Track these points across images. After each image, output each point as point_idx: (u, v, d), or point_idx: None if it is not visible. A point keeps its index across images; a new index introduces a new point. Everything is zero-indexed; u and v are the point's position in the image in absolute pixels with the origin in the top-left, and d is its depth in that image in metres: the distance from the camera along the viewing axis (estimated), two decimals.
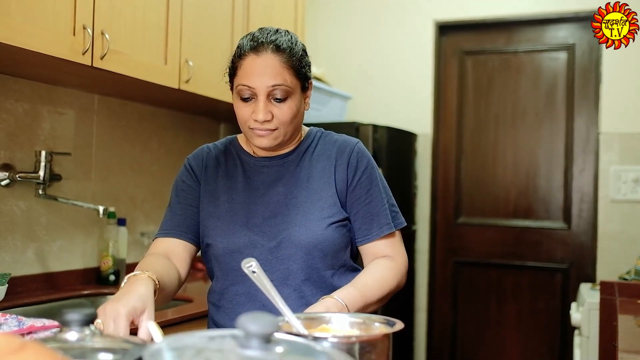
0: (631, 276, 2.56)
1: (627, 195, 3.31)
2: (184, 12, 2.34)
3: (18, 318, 1.52)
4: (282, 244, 1.41)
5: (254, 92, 1.38)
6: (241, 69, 1.40)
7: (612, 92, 3.36)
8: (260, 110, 1.37)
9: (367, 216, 1.47)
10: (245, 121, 1.42)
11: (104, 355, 0.71)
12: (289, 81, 1.39)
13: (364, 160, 1.50)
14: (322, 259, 1.42)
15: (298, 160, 1.49)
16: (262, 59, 1.38)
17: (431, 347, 3.76)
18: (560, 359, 3.48)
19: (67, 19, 1.85)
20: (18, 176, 2.11)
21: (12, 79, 2.15)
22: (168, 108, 2.87)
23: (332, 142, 1.52)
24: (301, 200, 1.44)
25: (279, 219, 1.43)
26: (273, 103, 1.39)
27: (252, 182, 1.49)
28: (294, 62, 1.40)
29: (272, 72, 1.37)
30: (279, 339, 0.68)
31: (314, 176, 1.47)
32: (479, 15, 3.65)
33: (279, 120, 1.39)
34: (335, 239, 1.43)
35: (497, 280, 3.64)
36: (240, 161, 1.53)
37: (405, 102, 3.73)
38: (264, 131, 1.40)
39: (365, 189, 1.48)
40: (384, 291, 1.43)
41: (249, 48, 1.40)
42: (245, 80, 1.39)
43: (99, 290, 2.36)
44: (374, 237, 1.48)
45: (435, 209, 3.77)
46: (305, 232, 1.41)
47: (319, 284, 1.43)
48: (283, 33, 1.43)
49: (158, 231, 1.52)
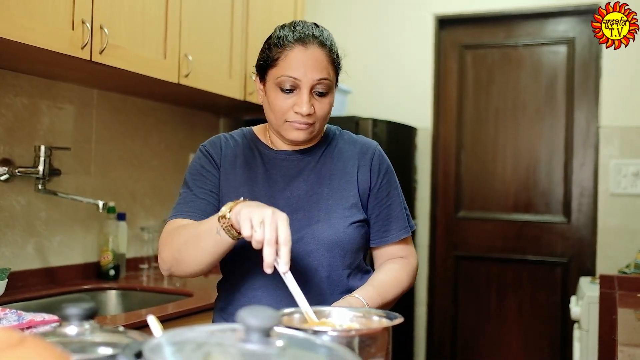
0: (631, 270, 2.56)
1: (627, 189, 3.31)
2: (183, 7, 2.34)
3: (18, 313, 1.53)
4: (304, 239, 1.39)
5: (297, 85, 1.36)
6: (286, 59, 1.36)
7: (612, 85, 3.36)
8: (304, 102, 1.35)
9: (387, 218, 1.48)
10: (284, 113, 1.38)
11: (103, 349, 0.71)
12: (332, 76, 1.39)
13: (385, 163, 1.51)
14: (342, 257, 1.41)
15: (318, 157, 1.48)
16: (310, 52, 1.36)
17: (431, 340, 3.76)
18: (560, 352, 3.48)
19: (66, 13, 1.84)
20: (17, 171, 2.11)
21: (11, 74, 2.15)
22: (167, 103, 2.86)
23: (352, 142, 1.52)
24: (324, 197, 1.43)
25: (300, 214, 1.41)
26: (314, 97, 1.37)
27: (271, 175, 1.46)
28: (334, 57, 1.41)
29: (319, 66, 1.36)
30: (279, 332, 0.68)
31: (336, 174, 1.46)
32: (479, 9, 3.64)
33: (318, 114, 1.38)
34: (355, 237, 1.42)
35: (497, 274, 3.64)
36: (259, 153, 1.49)
37: (405, 96, 3.72)
38: (303, 125, 1.37)
39: (385, 192, 1.49)
40: (399, 291, 1.44)
41: (295, 39, 1.37)
42: (291, 71, 1.35)
43: (99, 285, 2.36)
44: (391, 240, 1.49)
45: (435, 203, 3.77)
46: (329, 229, 1.39)
47: (337, 283, 1.42)
48: (322, 28, 1.42)
49: (173, 213, 1.42)
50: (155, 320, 0.83)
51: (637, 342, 1.55)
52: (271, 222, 1.09)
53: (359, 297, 1.31)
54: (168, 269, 1.36)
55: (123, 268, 2.53)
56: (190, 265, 1.30)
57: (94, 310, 0.74)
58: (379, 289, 1.38)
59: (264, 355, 0.61)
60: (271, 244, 1.08)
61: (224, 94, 2.57)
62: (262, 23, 2.80)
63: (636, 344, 1.51)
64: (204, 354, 0.60)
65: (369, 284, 1.40)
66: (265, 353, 0.61)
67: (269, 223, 1.09)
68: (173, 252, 1.32)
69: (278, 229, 1.10)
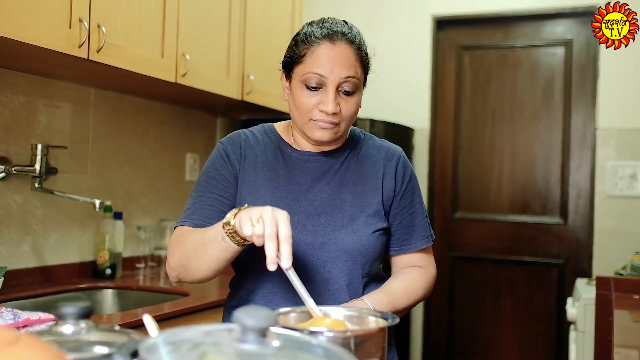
0: (627, 271, 2.56)
1: (624, 191, 3.32)
2: (180, 6, 2.33)
3: (14, 311, 1.52)
4: (327, 245, 1.35)
5: (324, 82, 1.32)
6: (312, 56, 1.33)
7: (609, 87, 3.37)
8: (330, 101, 1.31)
9: (409, 227, 1.45)
10: (309, 111, 1.34)
11: (99, 348, 0.70)
12: (359, 75, 1.35)
13: (409, 170, 1.49)
14: (362, 265, 1.37)
15: (342, 160, 1.44)
16: (338, 49, 1.32)
17: (427, 341, 3.77)
18: (555, 353, 3.49)
19: (63, 12, 1.84)
20: (14, 169, 2.10)
21: (8, 72, 2.14)
22: (165, 102, 2.86)
23: (377, 147, 1.48)
24: (348, 202, 1.39)
25: (323, 218, 1.37)
26: (341, 96, 1.33)
27: (294, 176, 1.41)
28: (363, 56, 1.37)
29: (347, 63, 1.32)
30: (275, 332, 0.68)
31: (360, 180, 1.42)
32: (476, 10, 3.65)
33: (344, 114, 1.34)
34: (377, 246, 1.39)
35: (493, 275, 3.65)
36: (281, 152, 1.44)
37: (402, 97, 3.73)
38: (328, 124, 1.33)
39: (409, 199, 1.46)
40: (412, 300, 1.41)
41: (323, 36, 1.33)
42: (318, 68, 1.31)
43: (95, 284, 2.36)
44: (412, 249, 1.46)
45: (432, 204, 3.78)
46: (352, 236, 1.36)
47: (356, 291, 1.38)
48: (350, 25, 1.39)
49: (184, 218, 1.39)
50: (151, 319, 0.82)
51: (633, 343, 1.55)
52: (271, 217, 1.09)
53: (367, 302, 1.29)
54: (177, 276, 1.35)
55: (119, 267, 2.52)
56: (198, 272, 1.30)
57: (90, 309, 0.74)
58: (390, 296, 1.35)
59: (260, 355, 0.61)
60: (272, 239, 1.07)
61: (222, 94, 2.57)
62: (260, 23, 2.80)
63: (632, 346, 1.52)
64: (199, 353, 0.60)
65: (381, 290, 1.37)
66: (261, 353, 0.61)
67: (269, 219, 1.08)
68: (181, 260, 1.31)
69: (278, 225, 1.09)
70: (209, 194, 1.39)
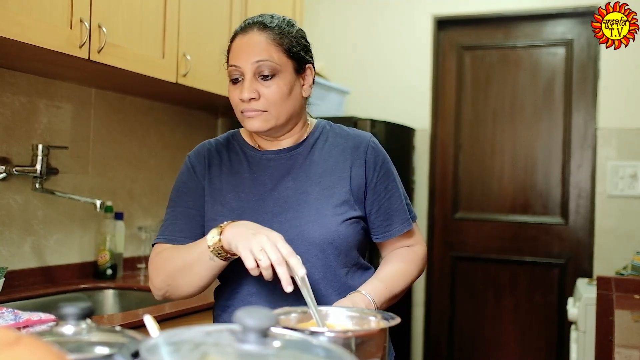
0: (628, 271, 2.56)
1: (625, 191, 3.32)
2: (181, 6, 2.33)
3: (14, 312, 1.53)
4: (295, 241, 1.32)
5: (241, 72, 1.34)
6: (231, 52, 1.38)
7: (610, 87, 3.36)
8: (245, 88, 1.32)
9: (388, 212, 1.44)
10: (237, 105, 1.36)
11: (100, 348, 0.70)
12: (276, 58, 1.34)
13: (381, 155, 1.46)
14: (336, 256, 1.37)
15: (307, 154, 1.43)
16: (248, 37, 1.36)
17: (428, 341, 3.76)
18: (556, 353, 3.49)
19: (64, 12, 1.84)
20: (15, 170, 2.10)
21: (9, 72, 2.14)
22: (166, 102, 2.86)
23: (344, 136, 1.46)
24: (314, 196, 1.38)
25: (290, 214, 1.37)
26: (260, 81, 1.33)
27: (259, 177, 1.42)
28: (284, 40, 1.36)
29: (257, 49, 1.33)
30: (276, 333, 0.68)
31: (327, 171, 1.41)
32: (477, 10, 3.65)
33: (267, 100, 1.33)
34: (349, 235, 1.38)
35: (494, 275, 3.64)
36: (244, 156, 1.45)
37: (403, 97, 3.72)
38: (253, 112, 1.34)
39: (383, 185, 1.44)
40: (407, 281, 1.43)
41: (239, 30, 1.39)
42: (233, 60, 1.36)
43: (96, 284, 2.36)
44: (395, 234, 1.46)
45: (433, 204, 3.77)
46: (319, 228, 1.35)
47: (334, 283, 1.38)
48: (277, 16, 1.41)
49: (158, 235, 1.43)
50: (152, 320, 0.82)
51: (634, 343, 1.55)
52: (271, 245, 1.12)
53: (364, 294, 1.30)
54: (162, 295, 1.38)
55: (120, 267, 2.52)
56: (186, 289, 1.34)
57: (91, 309, 0.74)
58: (386, 282, 1.36)
59: (261, 355, 0.61)
60: (281, 264, 1.11)
61: (222, 94, 2.57)
62: None
63: (633, 346, 1.52)
64: (200, 354, 0.60)
65: (375, 277, 1.39)
66: (262, 353, 0.61)
67: (270, 247, 1.12)
68: (166, 279, 1.34)
69: (279, 248, 1.13)
70: (179, 208, 1.43)
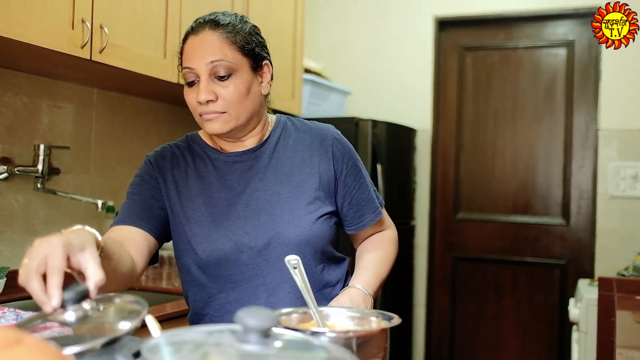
0: (629, 272, 2.56)
1: (626, 192, 3.31)
2: (183, 6, 2.33)
3: (16, 311, 1.53)
4: (271, 244, 1.32)
5: (196, 74, 1.29)
6: (183, 53, 1.33)
7: (611, 88, 3.36)
8: (201, 90, 1.28)
9: (359, 203, 1.44)
10: (194, 108, 1.32)
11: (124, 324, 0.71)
12: (231, 57, 1.29)
13: (347, 147, 1.44)
14: (313, 255, 1.35)
15: (272, 152, 1.40)
16: (199, 38, 1.31)
17: (430, 342, 3.76)
18: (558, 354, 3.48)
19: (65, 12, 1.84)
20: (16, 170, 2.10)
21: (11, 73, 2.14)
22: (167, 102, 2.86)
23: (307, 131, 1.43)
24: (285, 196, 1.36)
25: (263, 217, 1.34)
26: (216, 82, 1.29)
27: (226, 180, 1.37)
28: (237, 38, 1.32)
29: (210, 49, 1.29)
30: (278, 333, 0.68)
31: (295, 169, 1.38)
32: (478, 11, 3.65)
33: (225, 100, 1.29)
34: (324, 232, 1.36)
35: (495, 276, 3.64)
36: (209, 159, 1.40)
37: (404, 98, 3.73)
38: (211, 114, 1.29)
39: (353, 176, 1.43)
40: (390, 265, 1.48)
41: (190, 30, 1.34)
42: (186, 62, 1.31)
43: None
44: (368, 224, 1.46)
45: (434, 205, 3.77)
46: (295, 229, 1.32)
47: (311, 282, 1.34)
48: (229, 13, 1.37)
49: (114, 222, 1.35)
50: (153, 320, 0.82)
51: (635, 344, 1.55)
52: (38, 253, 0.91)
53: (359, 287, 1.32)
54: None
55: None
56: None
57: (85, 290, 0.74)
58: (373, 272, 1.40)
59: (262, 355, 0.61)
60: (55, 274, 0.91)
61: None
62: (262, 25, 2.77)
63: (634, 347, 1.51)
64: (202, 354, 0.60)
65: (362, 267, 1.41)
66: (263, 354, 0.61)
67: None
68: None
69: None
70: (136, 196, 1.36)
